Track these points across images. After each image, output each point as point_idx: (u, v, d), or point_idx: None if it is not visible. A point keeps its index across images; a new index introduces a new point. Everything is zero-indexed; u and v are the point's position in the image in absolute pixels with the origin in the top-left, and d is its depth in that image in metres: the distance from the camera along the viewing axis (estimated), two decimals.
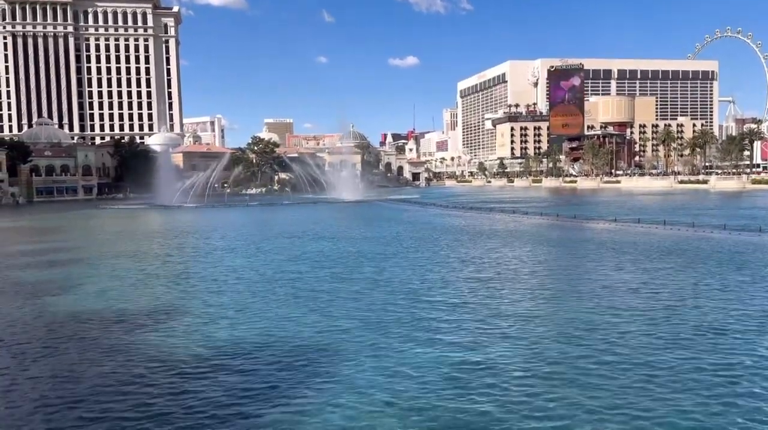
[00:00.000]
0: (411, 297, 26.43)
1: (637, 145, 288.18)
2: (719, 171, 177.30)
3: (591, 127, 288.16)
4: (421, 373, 16.64)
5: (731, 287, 27.27)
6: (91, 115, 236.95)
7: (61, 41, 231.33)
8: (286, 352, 18.82)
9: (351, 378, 16.35)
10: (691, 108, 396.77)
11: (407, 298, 26.26)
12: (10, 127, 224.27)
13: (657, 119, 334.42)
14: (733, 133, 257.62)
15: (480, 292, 27.38)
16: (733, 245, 41.89)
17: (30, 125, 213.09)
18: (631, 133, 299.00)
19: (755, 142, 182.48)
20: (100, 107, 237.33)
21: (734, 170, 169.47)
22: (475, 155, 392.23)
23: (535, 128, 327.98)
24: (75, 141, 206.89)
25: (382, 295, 26.99)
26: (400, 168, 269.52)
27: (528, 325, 21.56)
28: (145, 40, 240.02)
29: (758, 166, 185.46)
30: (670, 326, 21.01)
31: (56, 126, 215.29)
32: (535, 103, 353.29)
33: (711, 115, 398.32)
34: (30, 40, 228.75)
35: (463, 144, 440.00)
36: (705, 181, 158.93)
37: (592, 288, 27.63)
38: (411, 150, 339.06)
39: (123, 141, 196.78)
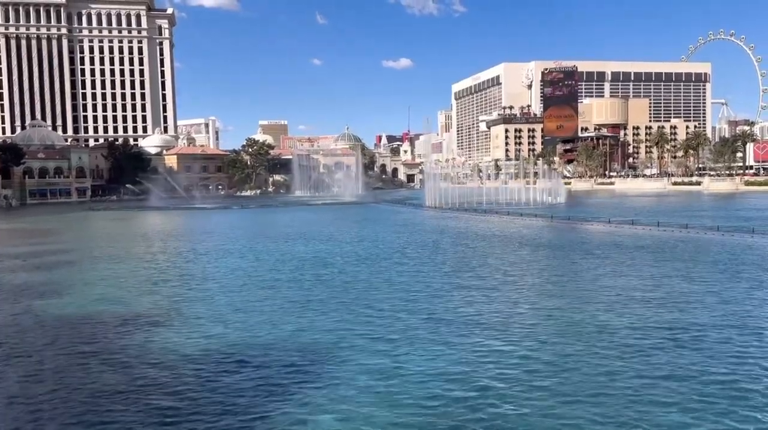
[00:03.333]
0: (405, 303, 26.42)
1: (630, 147, 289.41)
2: (712, 173, 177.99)
3: (585, 129, 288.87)
4: (416, 382, 16.63)
5: (726, 291, 27.43)
6: (85, 117, 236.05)
7: (54, 43, 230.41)
8: (279, 356, 18.78)
9: (345, 383, 16.32)
10: (684, 110, 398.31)
11: (402, 304, 26.26)
12: (3, 129, 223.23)
13: (650, 121, 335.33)
14: (726, 135, 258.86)
15: (477, 297, 27.41)
16: (727, 246, 42.07)
17: (23, 127, 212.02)
18: (625, 134, 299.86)
19: (748, 143, 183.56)
20: (94, 109, 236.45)
21: (727, 172, 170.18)
22: (470, 157, 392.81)
23: (529, 130, 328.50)
24: (68, 143, 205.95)
25: (377, 299, 26.98)
26: (395, 170, 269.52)
27: (525, 333, 21.59)
28: (139, 41, 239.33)
29: (751, 167, 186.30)
30: (674, 332, 21.10)
31: (50, 128, 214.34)
32: (529, 105, 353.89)
33: (704, 117, 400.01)
34: (23, 42, 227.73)
35: (458, 146, 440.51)
36: (698, 183, 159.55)
37: (586, 291, 27.71)
38: (406, 152, 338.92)
39: (117, 143, 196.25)
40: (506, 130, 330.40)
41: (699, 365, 16.96)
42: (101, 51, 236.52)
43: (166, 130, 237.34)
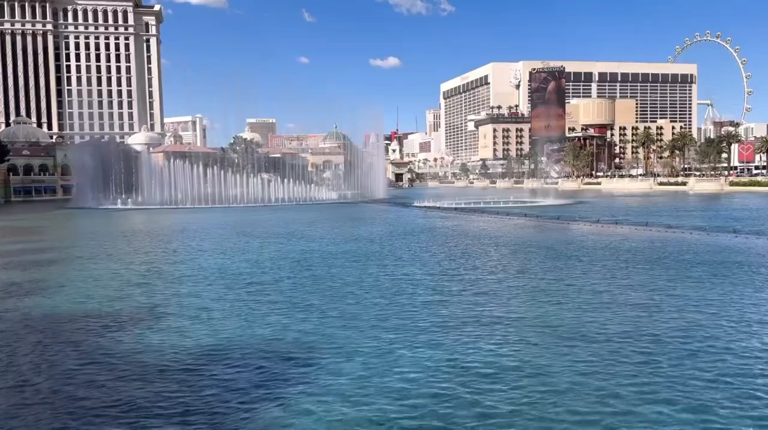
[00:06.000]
0: (393, 305, 26.43)
1: (617, 147, 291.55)
2: (698, 173, 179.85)
3: (572, 130, 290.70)
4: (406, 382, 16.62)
5: (715, 292, 27.69)
6: (71, 114, 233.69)
7: (40, 39, 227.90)
8: (268, 356, 18.72)
9: (332, 384, 16.30)
10: (670, 111, 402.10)
11: (391, 303, 26.26)
12: None
13: (637, 122, 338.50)
14: (712, 136, 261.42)
15: (469, 298, 27.46)
16: (713, 247, 42.50)
17: (8, 124, 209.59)
18: (612, 135, 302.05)
19: (732, 144, 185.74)
20: (80, 106, 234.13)
21: (712, 172, 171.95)
22: (458, 156, 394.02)
23: (517, 130, 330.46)
24: (54, 140, 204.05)
25: (365, 301, 26.96)
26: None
27: (515, 335, 21.64)
28: (126, 38, 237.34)
29: (735, 168, 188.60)
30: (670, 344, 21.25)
31: (35, 125, 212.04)
32: (517, 105, 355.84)
33: (690, 117, 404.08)
34: (8, 38, 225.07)
35: (446, 145, 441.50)
36: (684, 183, 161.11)
37: (576, 293, 27.86)
38: (394, 151, 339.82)
39: (103, 140, 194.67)
40: (494, 130, 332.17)
41: (683, 367, 17.11)
42: (87, 48, 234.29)
43: (152, 127, 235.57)
